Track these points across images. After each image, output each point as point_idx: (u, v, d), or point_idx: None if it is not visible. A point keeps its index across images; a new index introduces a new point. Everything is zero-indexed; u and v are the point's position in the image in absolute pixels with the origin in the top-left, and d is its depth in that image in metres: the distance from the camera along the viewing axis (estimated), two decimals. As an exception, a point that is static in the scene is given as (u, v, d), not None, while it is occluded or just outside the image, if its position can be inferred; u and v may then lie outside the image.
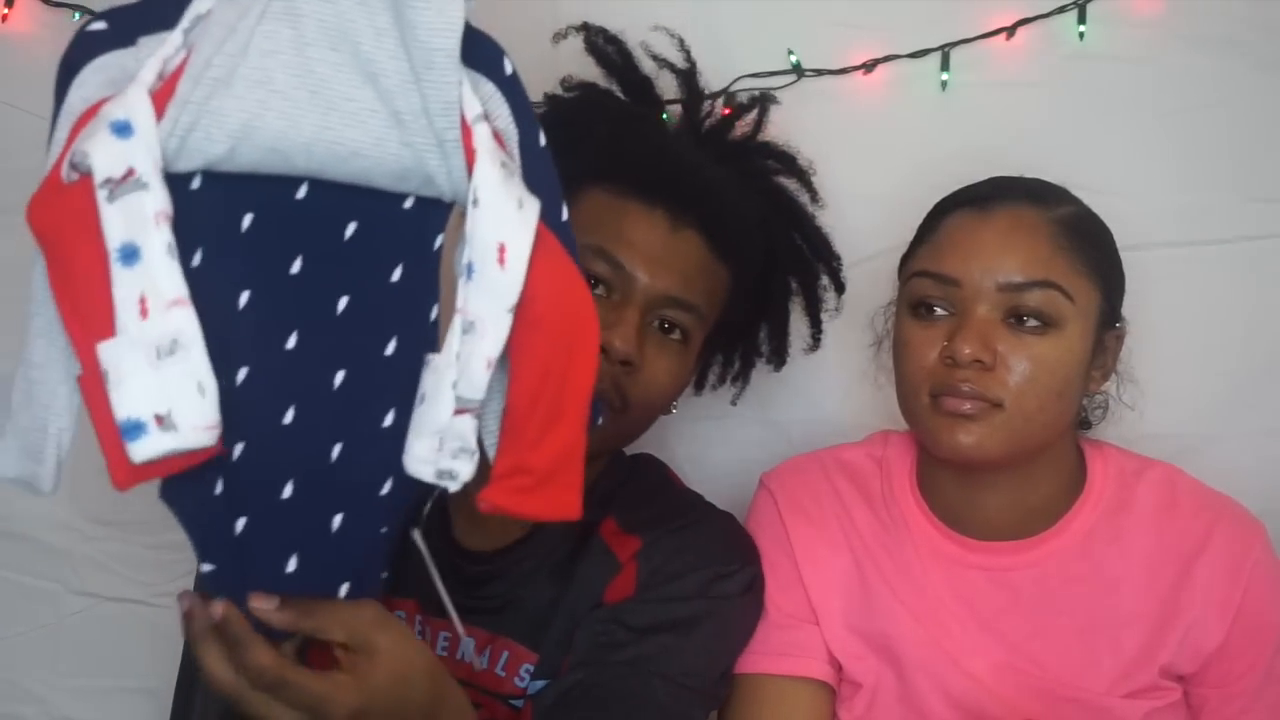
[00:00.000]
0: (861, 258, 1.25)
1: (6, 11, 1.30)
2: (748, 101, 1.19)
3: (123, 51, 0.67)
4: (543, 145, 0.73)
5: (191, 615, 0.73)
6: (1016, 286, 0.97)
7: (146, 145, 0.64)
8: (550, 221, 0.71)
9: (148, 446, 0.63)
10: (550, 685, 0.96)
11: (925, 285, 1.01)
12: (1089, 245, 1.00)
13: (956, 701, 1.03)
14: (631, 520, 1.03)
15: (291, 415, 0.70)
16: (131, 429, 0.63)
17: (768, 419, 1.33)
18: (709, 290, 1.04)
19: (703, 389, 1.21)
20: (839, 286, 1.18)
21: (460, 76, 0.68)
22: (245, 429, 0.69)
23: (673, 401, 1.07)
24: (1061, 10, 1.23)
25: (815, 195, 1.18)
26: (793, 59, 1.26)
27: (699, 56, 1.20)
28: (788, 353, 1.20)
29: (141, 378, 0.63)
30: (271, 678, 0.71)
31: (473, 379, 0.68)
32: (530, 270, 0.68)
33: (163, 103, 0.65)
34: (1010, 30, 1.23)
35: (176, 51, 0.66)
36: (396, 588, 0.82)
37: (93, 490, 1.37)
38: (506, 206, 0.68)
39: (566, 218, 0.73)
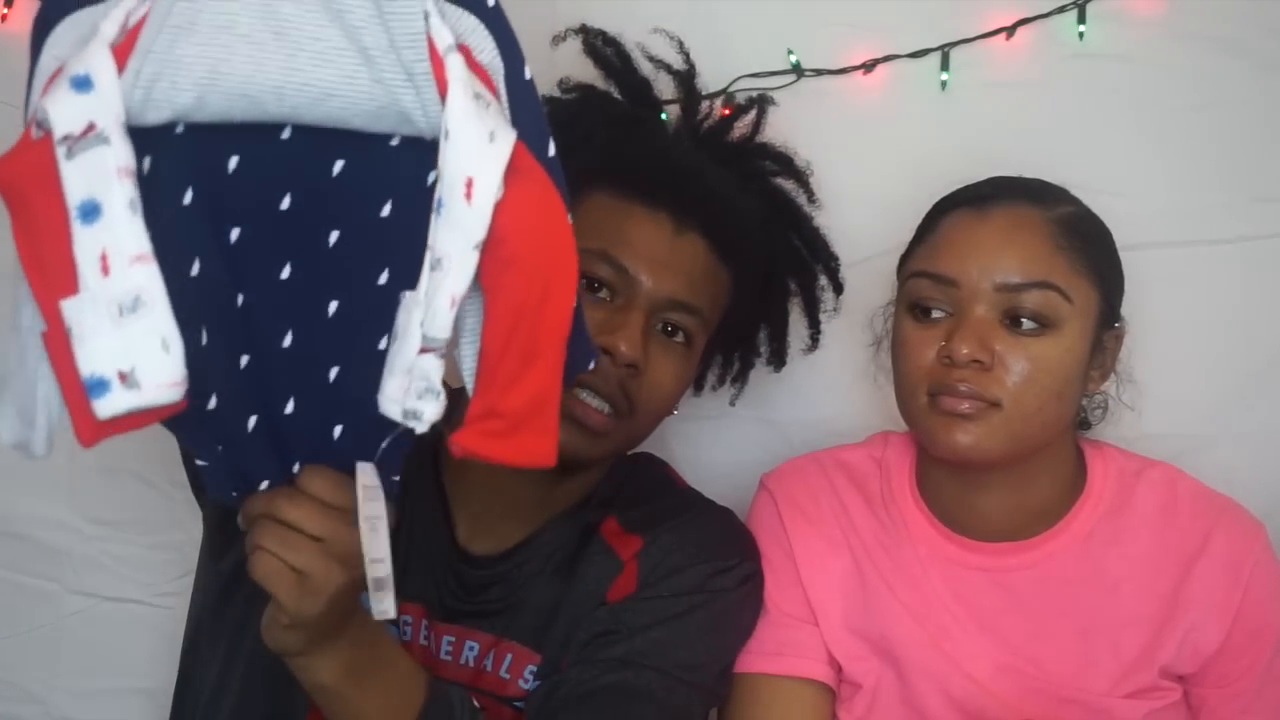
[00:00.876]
0: (861, 257, 1.25)
1: (6, 11, 1.30)
2: (745, 103, 1.20)
3: (95, 7, 0.65)
4: (528, 79, 0.71)
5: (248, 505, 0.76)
6: (1014, 287, 0.96)
7: (107, 99, 0.63)
8: (538, 155, 0.69)
9: (111, 403, 0.63)
10: (545, 683, 0.97)
11: (923, 286, 1.01)
12: (1087, 245, 1.00)
13: (956, 702, 1.03)
14: (633, 519, 1.04)
15: (290, 339, 0.73)
16: (95, 386, 0.62)
17: (768, 419, 1.33)
18: (712, 293, 1.04)
19: (702, 390, 1.21)
20: (837, 287, 1.19)
21: (425, 6, 0.66)
22: (248, 347, 0.72)
23: (676, 404, 1.08)
24: (1061, 10, 1.23)
25: (812, 196, 1.18)
26: (792, 59, 1.26)
27: (698, 57, 1.20)
28: (787, 354, 1.20)
29: (104, 335, 0.63)
30: (330, 515, 0.74)
31: (437, 317, 0.67)
32: (504, 205, 0.67)
33: (125, 56, 0.64)
34: (1010, 30, 1.23)
35: (140, 3, 0.65)
36: (401, 590, 0.82)
37: (93, 490, 1.40)
38: (477, 139, 0.66)
39: (554, 153, 0.71)
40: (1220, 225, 1.23)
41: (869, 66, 1.25)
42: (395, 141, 0.71)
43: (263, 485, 0.76)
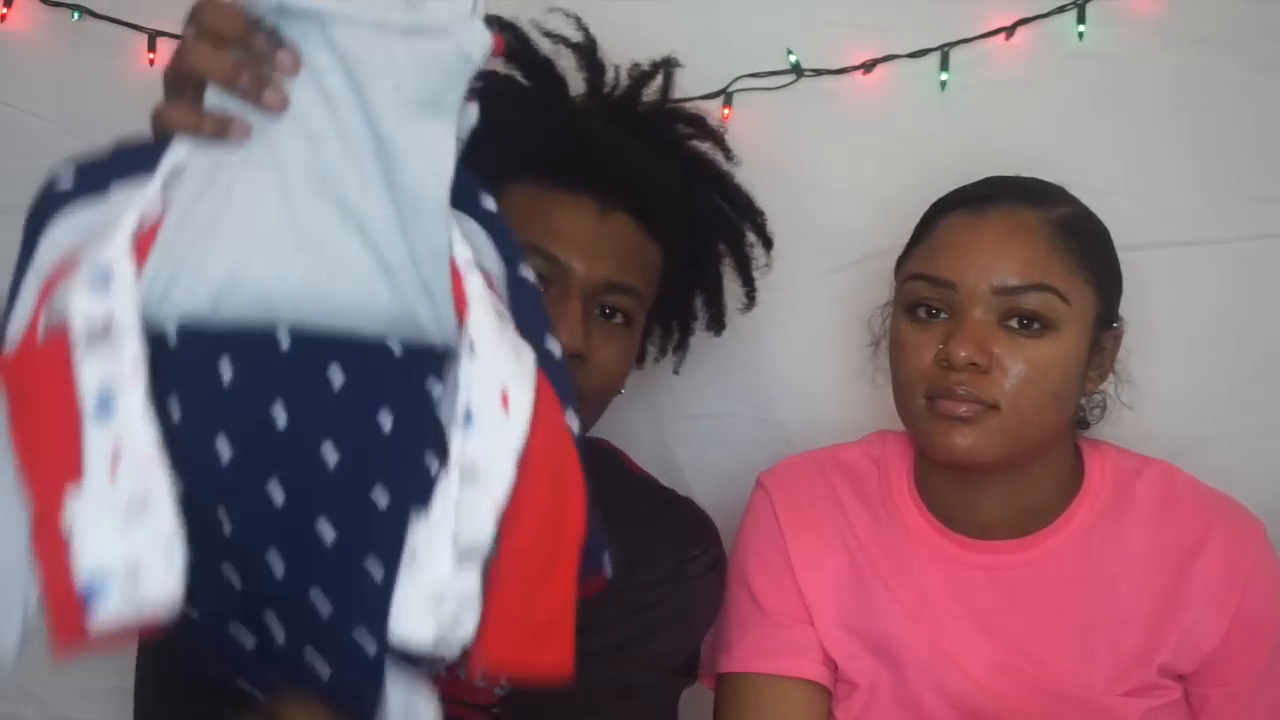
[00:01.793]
0: (860, 257, 1.25)
1: (6, 11, 1.30)
2: (650, 67, 1.16)
3: (93, 202, 0.64)
4: (529, 279, 0.71)
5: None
6: (1012, 289, 0.96)
7: (126, 297, 0.61)
8: (540, 359, 0.69)
9: (113, 604, 0.59)
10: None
11: (921, 288, 1.00)
12: (1085, 246, 1.00)
13: (954, 701, 1.03)
14: (638, 517, 1.04)
15: (281, 569, 0.68)
16: (93, 591, 0.58)
17: (767, 419, 1.33)
18: (645, 269, 1.04)
19: (644, 363, 1.20)
20: (766, 242, 1.18)
21: (449, 224, 0.67)
22: (239, 575, 0.68)
23: (623, 384, 1.07)
24: (1061, 10, 1.23)
25: (730, 154, 1.17)
26: (792, 59, 1.26)
27: (698, 57, 1.20)
28: (724, 316, 1.19)
29: (108, 534, 0.59)
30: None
31: (479, 529, 0.65)
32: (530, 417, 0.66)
33: (143, 254, 0.63)
34: (1010, 30, 1.23)
35: (155, 202, 0.64)
36: None
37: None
38: (507, 354, 0.67)
39: (551, 345, 0.71)
40: (1218, 225, 1.23)
41: (869, 66, 1.25)
42: (398, 352, 0.68)
43: None
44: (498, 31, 1.09)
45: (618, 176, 1.01)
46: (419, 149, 0.65)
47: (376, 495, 0.68)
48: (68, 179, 0.65)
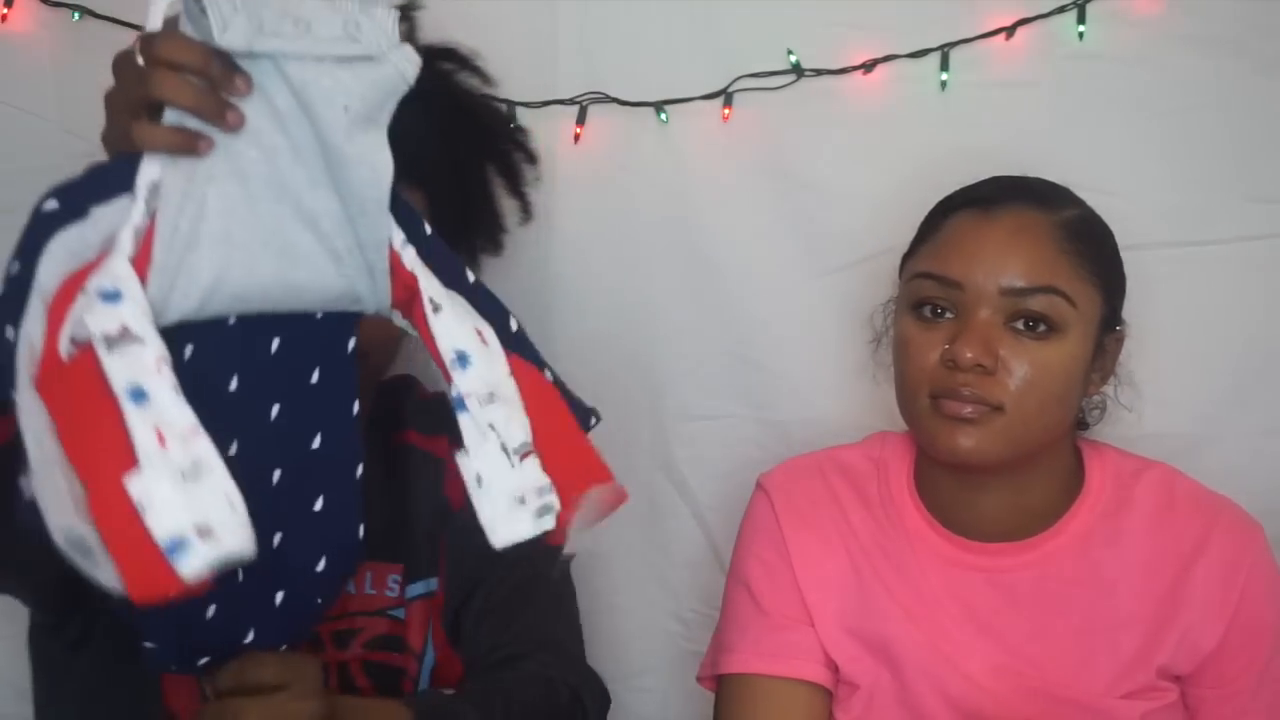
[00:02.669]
0: (861, 257, 1.25)
1: (6, 11, 1.30)
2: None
3: (79, 224, 0.70)
4: (515, 330, 0.82)
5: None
6: (1019, 291, 0.96)
7: (137, 307, 0.68)
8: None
9: (195, 559, 0.65)
10: (465, 607, 1.07)
11: (927, 287, 1.00)
12: (1092, 249, 1.00)
13: (954, 702, 1.03)
14: (430, 423, 1.11)
15: None
16: (175, 547, 0.64)
17: (767, 419, 1.33)
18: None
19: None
20: (530, 156, 1.19)
21: (389, 216, 0.77)
22: None
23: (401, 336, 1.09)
24: (1061, 10, 1.23)
25: (487, 78, 1.16)
26: (792, 59, 1.26)
27: (699, 56, 1.20)
28: (503, 238, 1.20)
29: (174, 498, 0.65)
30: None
31: (519, 429, 0.77)
32: None
33: (142, 268, 0.70)
34: (1010, 30, 1.23)
35: (143, 219, 0.70)
36: None
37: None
38: (464, 306, 0.79)
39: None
40: (1219, 225, 1.23)
41: (869, 66, 1.25)
42: (319, 315, 0.79)
43: (202, 661, 0.82)
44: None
45: None
46: (365, 157, 0.73)
47: (312, 439, 0.81)
48: (53, 202, 0.71)
